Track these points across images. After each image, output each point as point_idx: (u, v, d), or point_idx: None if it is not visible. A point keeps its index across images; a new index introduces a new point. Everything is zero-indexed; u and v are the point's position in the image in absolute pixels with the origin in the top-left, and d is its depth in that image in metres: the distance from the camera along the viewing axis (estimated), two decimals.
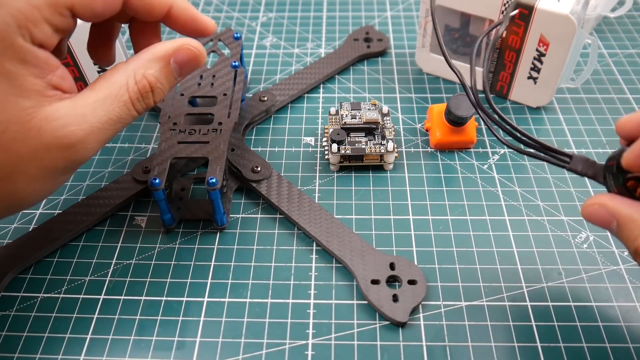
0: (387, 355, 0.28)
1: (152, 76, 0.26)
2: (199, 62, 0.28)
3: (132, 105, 0.26)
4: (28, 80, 0.23)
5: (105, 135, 0.25)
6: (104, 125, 0.25)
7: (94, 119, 0.24)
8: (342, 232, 0.32)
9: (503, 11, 0.38)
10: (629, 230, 0.23)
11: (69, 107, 0.24)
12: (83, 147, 0.24)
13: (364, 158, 0.37)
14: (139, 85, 0.26)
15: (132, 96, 0.26)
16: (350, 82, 0.45)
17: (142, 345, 0.29)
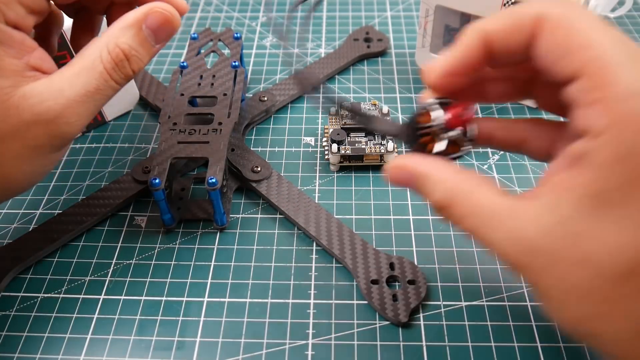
0: (387, 355, 0.28)
1: (124, 44, 0.26)
2: (173, 26, 0.27)
3: (108, 76, 0.26)
4: (4, 61, 0.24)
5: (85, 109, 0.25)
6: (82, 97, 0.25)
7: (70, 92, 0.25)
8: (342, 232, 0.32)
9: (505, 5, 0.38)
10: (426, 186, 0.23)
11: (45, 83, 0.24)
12: (64, 122, 0.25)
13: (364, 158, 0.37)
14: (112, 55, 0.26)
15: (107, 66, 0.25)
16: (350, 82, 0.45)
17: (142, 345, 0.29)
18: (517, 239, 0.20)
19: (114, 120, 0.42)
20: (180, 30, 0.52)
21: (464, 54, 0.23)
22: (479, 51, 0.22)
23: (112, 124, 0.42)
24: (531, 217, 0.20)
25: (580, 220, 0.19)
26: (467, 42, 0.22)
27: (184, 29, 0.52)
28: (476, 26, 0.22)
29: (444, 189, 0.22)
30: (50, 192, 0.37)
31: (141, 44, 0.26)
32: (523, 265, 0.20)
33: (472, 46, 0.22)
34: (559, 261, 0.19)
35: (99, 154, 0.39)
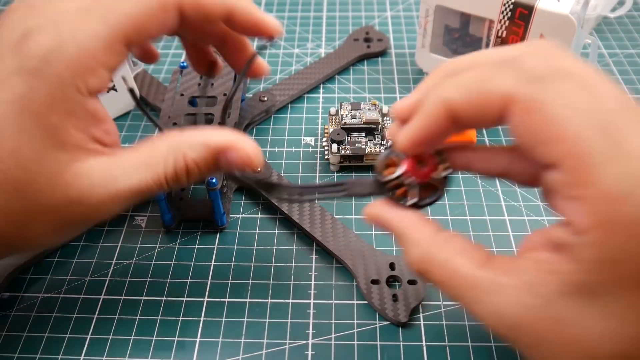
0: (387, 355, 0.28)
1: (192, 161, 0.24)
2: (249, 167, 0.24)
3: (164, 181, 0.23)
4: (70, 134, 0.22)
5: (129, 202, 0.23)
6: (131, 193, 0.23)
7: (124, 184, 0.23)
8: (342, 232, 0.32)
9: (503, 11, 0.38)
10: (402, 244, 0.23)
11: (103, 167, 0.23)
12: (105, 209, 0.23)
13: (364, 158, 0.37)
14: (177, 165, 0.23)
15: (167, 172, 0.23)
16: (350, 82, 0.45)
17: (142, 345, 0.29)
18: (500, 316, 0.19)
19: (114, 120, 0.42)
20: None
21: (429, 125, 0.21)
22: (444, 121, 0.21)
23: None
24: (513, 296, 0.19)
25: (564, 305, 0.18)
26: (431, 113, 0.21)
27: None
28: (440, 96, 0.21)
29: (419, 252, 0.22)
30: None
31: (207, 165, 0.24)
32: (511, 340, 0.20)
33: (436, 117, 0.21)
34: (545, 341, 0.19)
35: None
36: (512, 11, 0.37)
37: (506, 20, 0.38)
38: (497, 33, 0.39)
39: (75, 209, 0.22)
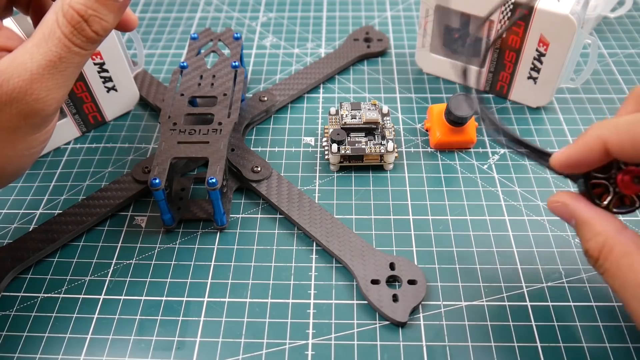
0: (387, 355, 0.28)
1: (77, 3, 0.23)
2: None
3: (69, 42, 0.23)
4: None
5: (53, 81, 0.23)
6: (45, 69, 0.23)
7: (32, 65, 0.23)
8: (342, 232, 0.32)
9: (503, 11, 0.38)
10: (583, 232, 0.25)
11: (8, 60, 0.23)
12: (34, 98, 0.23)
13: (364, 158, 0.37)
14: (67, 18, 0.23)
15: (64, 31, 0.23)
16: (350, 82, 0.45)
17: (142, 345, 0.29)
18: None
19: (114, 120, 0.42)
20: (180, 30, 0.52)
21: (584, 153, 0.24)
22: (598, 154, 0.24)
23: (112, 124, 0.42)
24: None
25: None
26: (588, 145, 0.24)
27: (184, 29, 0.52)
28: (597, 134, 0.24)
29: (601, 241, 0.24)
30: (50, 192, 0.37)
31: (98, 1, 0.24)
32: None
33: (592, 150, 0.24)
34: None
35: (99, 154, 0.39)
36: (512, 11, 0.37)
37: (506, 20, 0.38)
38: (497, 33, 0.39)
39: (8, 110, 0.23)
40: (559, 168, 0.26)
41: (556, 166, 0.26)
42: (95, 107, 0.40)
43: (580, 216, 0.25)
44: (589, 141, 0.24)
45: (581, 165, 0.25)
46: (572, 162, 0.26)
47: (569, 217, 0.26)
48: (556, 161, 0.26)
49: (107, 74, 0.39)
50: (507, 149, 0.30)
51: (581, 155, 0.25)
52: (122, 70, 0.40)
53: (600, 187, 0.25)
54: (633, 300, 0.23)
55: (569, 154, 0.26)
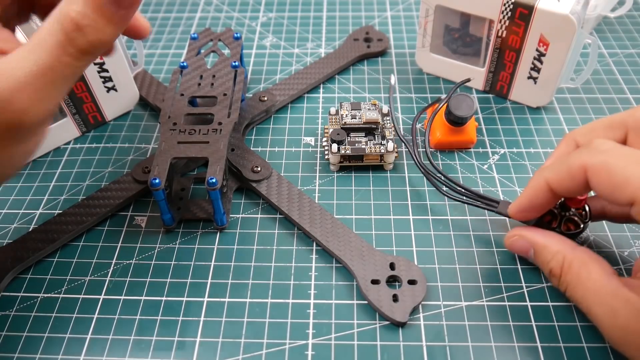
0: (387, 355, 0.28)
1: (74, 11, 0.22)
2: None
3: (61, 51, 0.22)
4: None
5: (39, 92, 0.22)
6: (33, 78, 0.21)
7: (20, 72, 0.21)
8: (342, 232, 0.32)
9: (503, 11, 0.38)
10: (543, 256, 0.28)
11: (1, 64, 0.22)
12: (17, 108, 0.21)
13: (364, 158, 0.37)
14: (61, 25, 0.22)
15: (57, 39, 0.22)
16: (350, 82, 0.45)
17: (142, 345, 0.29)
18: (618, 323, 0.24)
19: (114, 120, 0.42)
20: (180, 30, 0.52)
21: (532, 196, 0.28)
22: (544, 194, 0.28)
23: (112, 124, 0.42)
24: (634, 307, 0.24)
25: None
26: (534, 187, 0.28)
27: (184, 29, 0.52)
28: (539, 175, 0.28)
29: (560, 259, 0.27)
30: (50, 192, 0.37)
31: (96, 10, 0.22)
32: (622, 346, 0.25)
33: (538, 190, 0.28)
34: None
35: (99, 154, 0.39)
36: (512, 11, 0.37)
37: (506, 20, 0.38)
38: (497, 33, 0.39)
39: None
40: (517, 217, 0.30)
41: (514, 216, 0.30)
42: (95, 107, 0.40)
43: (538, 242, 0.28)
44: (534, 185, 0.28)
45: (534, 209, 0.29)
46: (525, 208, 0.29)
47: (527, 248, 0.29)
48: (512, 212, 0.30)
49: (107, 74, 0.39)
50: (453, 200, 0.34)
51: (532, 200, 0.29)
52: (122, 70, 0.40)
53: (548, 214, 0.30)
54: (595, 307, 0.25)
55: (520, 202, 0.29)
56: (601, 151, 0.26)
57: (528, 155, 0.38)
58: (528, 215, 0.30)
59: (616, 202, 0.25)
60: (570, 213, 0.30)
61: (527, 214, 0.30)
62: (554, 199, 0.28)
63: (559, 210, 0.30)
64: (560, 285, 0.28)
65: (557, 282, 0.28)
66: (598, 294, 0.25)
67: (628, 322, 0.24)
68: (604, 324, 0.25)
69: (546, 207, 0.29)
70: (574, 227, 0.30)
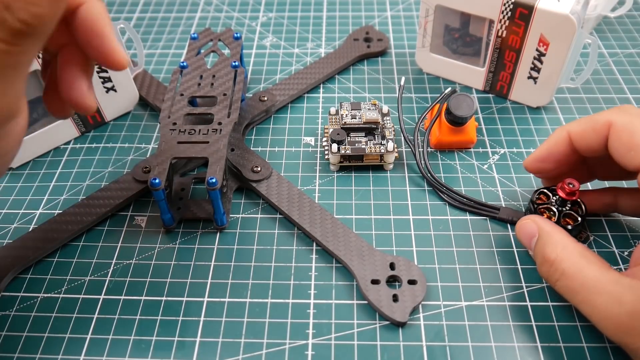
0: (387, 355, 0.28)
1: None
2: None
3: None
4: None
5: None
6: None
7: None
8: (342, 232, 0.32)
9: (503, 11, 0.38)
10: (544, 240, 0.28)
11: None
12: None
13: (364, 158, 0.37)
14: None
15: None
16: (350, 82, 0.45)
17: (142, 345, 0.29)
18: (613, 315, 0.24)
19: (114, 120, 0.42)
20: (180, 30, 0.52)
21: (551, 146, 0.30)
22: (564, 145, 0.30)
23: (112, 124, 0.42)
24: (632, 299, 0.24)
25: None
26: (555, 138, 0.30)
27: (184, 29, 0.52)
28: (562, 127, 0.30)
29: (560, 246, 0.27)
30: (50, 192, 0.37)
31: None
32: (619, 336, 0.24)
33: (558, 141, 0.30)
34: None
35: (99, 154, 0.39)
36: (512, 11, 0.37)
37: (506, 20, 0.38)
38: (497, 33, 0.39)
39: None
40: (531, 167, 0.32)
41: (529, 166, 0.32)
42: None
43: (544, 228, 0.28)
44: (555, 136, 0.30)
45: (550, 160, 0.31)
46: (542, 158, 0.31)
47: (533, 234, 0.29)
48: (528, 162, 0.32)
49: (106, 74, 0.39)
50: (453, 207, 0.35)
51: (550, 150, 0.30)
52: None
53: (547, 212, 0.31)
54: (595, 296, 0.25)
55: (539, 152, 0.31)
56: (630, 113, 0.27)
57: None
58: (543, 166, 0.31)
59: (627, 164, 0.27)
60: (567, 208, 0.31)
61: (542, 164, 0.31)
62: (572, 154, 0.30)
63: (556, 206, 0.31)
64: (553, 274, 0.27)
65: (549, 268, 0.27)
66: (599, 282, 0.25)
67: (635, 308, 0.23)
68: (607, 313, 0.24)
69: (561, 162, 0.30)
70: (572, 221, 0.31)
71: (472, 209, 0.34)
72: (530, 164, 0.32)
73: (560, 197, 0.31)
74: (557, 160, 0.31)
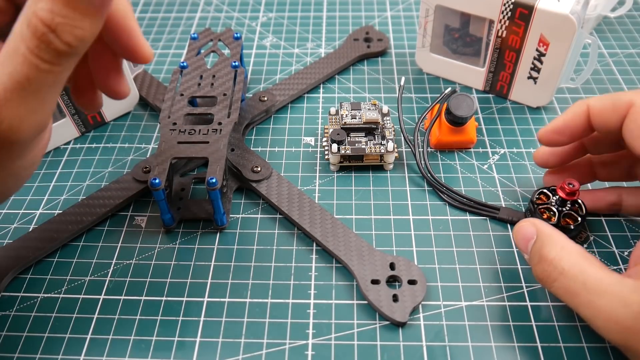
0: (387, 355, 0.28)
1: (42, 10, 0.19)
2: None
3: (35, 57, 0.19)
4: None
5: (23, 107, 0.20)
6: (12, 93, 0.19)
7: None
8: (342, 232, 0.32)
9: (503, 11, 0.38)
10: (543, 242, 0.27)
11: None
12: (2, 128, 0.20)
13: (364, 158, 0.37)
14: (31, 29, 0.19)
15: (29, 45, 0.19)
16: (350, 82, 0.45)
17: (142, 345, 0.29)
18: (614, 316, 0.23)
19: (114, 120, 0.42)
20: (180, 30, 0.52)
21: (569, 117, 0.30)
22: (581, 118, 0.29)
23: (112, 124, 0.42)
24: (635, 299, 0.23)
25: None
26: (574, 110, 0.30)
27: (184, 29, 0.52)
28: (583, 100, 0.29)
29: (558, 247, 0.26)
30: (50, 192, 0.37)
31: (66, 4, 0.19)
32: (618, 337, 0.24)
33: (576, 113, 0.29)
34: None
35: (99, 154, 0.39)
36: (512, 11, 0.37)
37: (506, 20, 0.38)
38: (497, 33, 0.39)
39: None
40: (545, 138, 0.31)
41: (543, 137, 0.31)
42: None
43: (543, 229, 0.28)
44: (574, 108, 0.30)
45: (566, 131, 0.30)
46: (557, 129, 0.30)
47: (531, 236, 0.28)
48: (542, 131, 0.31)
49: None
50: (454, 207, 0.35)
51: (566, 122, 0.30)
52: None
53: (547, 212, 0.31)
54: (596, 297, 0.24)
55: (555, 122, 0.30)
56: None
57: (528, 155, 0.38)
58: (557, 138, 0.31)
59: (637, 149, 0.26)
60: (567, 208, 0.31)
61: (557, 136, 0.31)
62: (587, 129, 0.29)
63: (556, 206, 0.31)
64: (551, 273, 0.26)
65: (547, 267, 0.26)
66: (602, 283, 0.24)
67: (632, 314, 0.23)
68: (611, 315, 0.23)
69: (575, 135, 0.30)
70: (572, 221, 0.31)
71: (472, 209, 0.34)
72: (544, 135, 0.31)
73: (560, 197, 0.31)
74: (573, 134, 0.30)
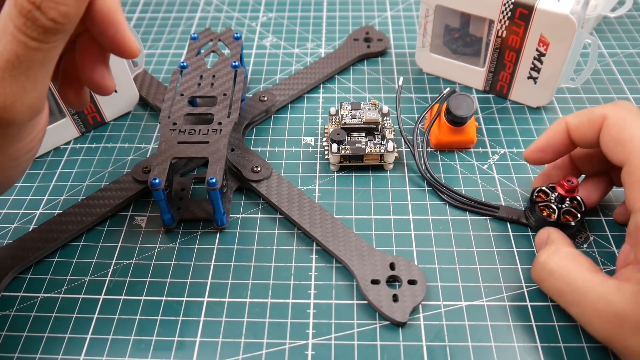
0: (387, 355, 0.28)
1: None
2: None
3: (23, 36, 0.20)
4: None
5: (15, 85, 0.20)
6: (4, 72, 0.20)
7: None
8: (342, 232, 0.32)
9: (503, 11, 0.38)
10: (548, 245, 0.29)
11: None
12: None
13: (364, 158, 0.37)
14: (17, 8, 0.20)
15: (16, 24, 0.20)
16: (350, 82, 0.45)
17: (142, 345, 0.29)
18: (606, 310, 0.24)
19: (114, 120, 0.42)
20: (180, 30, 0.52)
21: (550, 135, 0.31)
22: (561, 135, 0.31)
23: (112, 124, 0.42)
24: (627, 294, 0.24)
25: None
26: (554, 128, 0.31)
27: (184, 29, 0.52)
28: (561, 118, 0.31)
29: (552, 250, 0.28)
30: (50, 192, 0.37)
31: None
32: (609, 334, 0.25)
33: (557, 131, 0.31)
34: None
35: (99, 154, 0.39)
36: (512, 11, 0.37)
37: (506, 20, 0.38)
38: (497, 33, 0.39)
39: None
40: (531, 157, 0.32)
41: (529, 157, 0.32)
42: (94, 107, 0.40)
43: (550, 236, 0.30)
44: (554, 127, 0.31)
45: (549, 150, 0.31)
46: (541, 148, 0.32)
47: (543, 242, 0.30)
48: (528, 152, 0.32)
49: None
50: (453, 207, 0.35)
51: (548, 141, 0.31)
52: (122, 71, 0.40)
53: (546, 209, 0.32)
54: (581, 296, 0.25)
55: (537, 142, 0.32)
56: (624, 108, 0.28)
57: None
58: (542, 157, 0.32)
59: (614, 158, 0.28)
60: (566, 205, 0.32)
61: (541, 155, 0.32)
62: (569, 145, 0.31)
63: (556, 204, 0.32)
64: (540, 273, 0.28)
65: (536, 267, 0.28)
66: (587, 282, 0.25)
67: (622, 306, 0.24)
68: (595, 312, 0.25)
69: (559, 152, 0.31)
70: (572, 218, 0.31)
71: (472, 208, 0.34)
72: (530, 154, 0.32)
73: (559, 194, 0.31)
74: (556, 151, 0.31)
